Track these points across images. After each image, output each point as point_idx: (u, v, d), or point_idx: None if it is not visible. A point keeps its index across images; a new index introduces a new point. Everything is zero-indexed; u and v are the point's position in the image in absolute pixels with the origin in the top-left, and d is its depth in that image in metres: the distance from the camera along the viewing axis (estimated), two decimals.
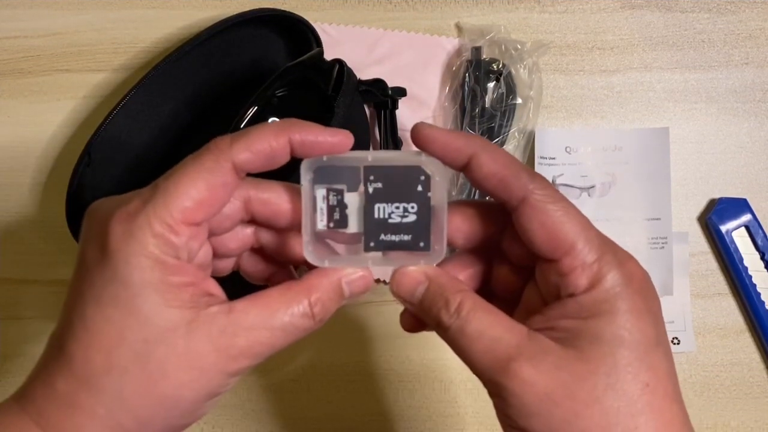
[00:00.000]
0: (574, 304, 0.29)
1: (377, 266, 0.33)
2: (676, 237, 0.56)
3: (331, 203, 0.33)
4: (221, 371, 0.29)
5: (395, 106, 0.56)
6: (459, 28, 0.59)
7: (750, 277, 0.55)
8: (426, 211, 0.33)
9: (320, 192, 0.33)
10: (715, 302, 0.56)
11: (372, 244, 0.33)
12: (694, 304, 0.56)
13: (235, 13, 0.53)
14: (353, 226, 0.33)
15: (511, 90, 0.56)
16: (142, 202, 0.29)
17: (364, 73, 0.56)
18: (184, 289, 0.29)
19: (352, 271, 0.32)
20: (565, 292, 0.30)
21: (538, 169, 0.56)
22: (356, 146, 0.45)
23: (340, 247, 0.34)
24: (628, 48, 0.59)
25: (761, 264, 0.55)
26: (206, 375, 0.29)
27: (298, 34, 0.55)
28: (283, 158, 0.31)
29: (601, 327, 0.29)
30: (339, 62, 0.51)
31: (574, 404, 0.28)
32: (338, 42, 0.58)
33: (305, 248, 0.33)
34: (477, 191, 0.55)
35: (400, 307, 0.33)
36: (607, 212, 0.55)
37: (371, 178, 0.33)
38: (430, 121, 0.57)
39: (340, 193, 0.33)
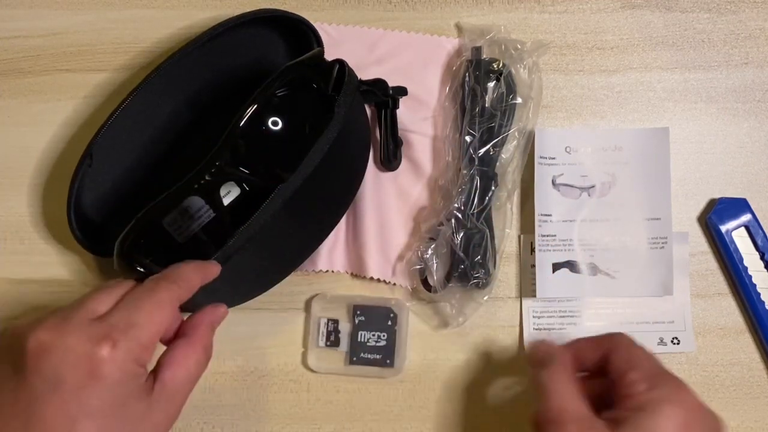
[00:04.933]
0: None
1: (357, 375, 0.53)
2: (676, 237, 0.56)
3: (329, 329, 0.52)
4: None
5: (396, 106, 0.56)
6: (459, 28, 0.59)
7: (750, 277, 0.55)
8: (392, 340, 0.52)
9: (323, 320, 0.53)
10: (715, 302, 0.56)
11: (354, 359, 0.52)
12: (694, 304, 0.56)
13: (235, 13, 0.53)
14: (343, 346, 0.52)
15: (511, 90, 0.56)
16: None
17: (364, 73, 0.56)
18: None
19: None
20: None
21: (538, 169, 0.56)
22: (357, 146, 0.44)
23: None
24: (628, 48, 0.59)
25: (761, 264, 0.55)
26: None
27: (298, 34, 0.55)
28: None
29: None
30: (339, 62, 0.51)
31: None
32: (338, 42, 0.58)
33: (309, 357, 0.53)
34: (478, 186, 0.54)
35: None
36: (607, 212, 0.55)
37: (358, 312, 0.52)
38: (429, 120, 0.57)
39: (336, 322, 0.53)
